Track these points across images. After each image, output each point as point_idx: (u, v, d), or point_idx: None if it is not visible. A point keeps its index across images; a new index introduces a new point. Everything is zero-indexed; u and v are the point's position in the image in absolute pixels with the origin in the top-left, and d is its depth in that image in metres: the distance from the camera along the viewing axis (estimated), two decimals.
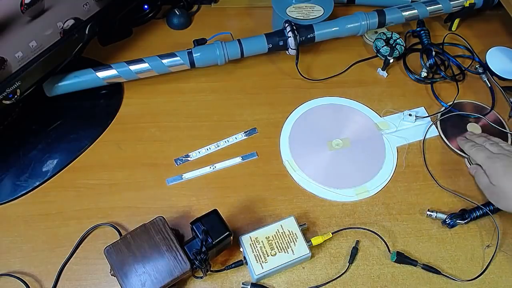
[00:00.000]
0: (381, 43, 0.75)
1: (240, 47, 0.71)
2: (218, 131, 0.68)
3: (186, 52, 0.70)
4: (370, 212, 0.61)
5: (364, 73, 0.76)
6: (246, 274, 0.55)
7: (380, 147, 0.67)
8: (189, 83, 0.74)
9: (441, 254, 0.57)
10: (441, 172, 0.64)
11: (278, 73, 0.76)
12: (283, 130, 0.68)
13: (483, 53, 0.76)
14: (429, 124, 0.68)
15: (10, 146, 0.65)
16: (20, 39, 0.54)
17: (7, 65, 0.54)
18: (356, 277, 0.56)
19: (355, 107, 0.71)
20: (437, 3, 0.76)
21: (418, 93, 0.73)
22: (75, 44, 0.63)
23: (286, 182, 0.63)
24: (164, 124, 0.69)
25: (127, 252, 0.50)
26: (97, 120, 0.69)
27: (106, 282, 0.55)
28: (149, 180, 0.63)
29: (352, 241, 0.58)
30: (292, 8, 0.75)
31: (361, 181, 0.63)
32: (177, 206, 0.61)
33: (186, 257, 0.50)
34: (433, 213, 0.59)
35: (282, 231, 0.55)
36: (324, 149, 0.67)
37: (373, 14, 0.74)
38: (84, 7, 0.62)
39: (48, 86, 0.65)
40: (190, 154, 0.66)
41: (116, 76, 0.68)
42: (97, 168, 0.64)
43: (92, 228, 0.59)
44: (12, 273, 0.55)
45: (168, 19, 0.82)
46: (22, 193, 0.61)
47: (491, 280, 0.55)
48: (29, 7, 0.53)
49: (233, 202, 0.61)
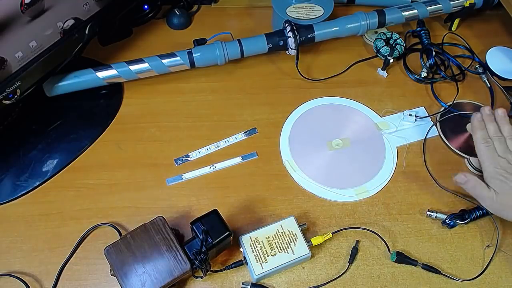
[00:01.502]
0: (381, 43, 0.75)
1: (240, 47, 0.71)
2: (218, 131, 0.68)
3: (186, 52, 0.70)
4: (370, 212, 0.61)
5: (364, 73, 0.76)
6: (246, 274, 0.55)
7: (380, 147, 0.67)
8: (189, 83, 0.74)
9: (441, 254, 0.57)
10: (441, 172, 0.64)
11: (278, 73, 0.76)
12: (283, 130, 0.68)
13: (483, 53, 0.76)
14: (430, 125, 0.68)
15: (10, 146, 0.65)
16: (20, 39, 0.54)
17: (7, 65, 0.54)
18: (356, 277, 0.56)
19: (355, 107, 0.71)
20: (437, 3, 0.76)
21: (418, 93, 0.73)
22: (75, 44, 0.63)
23: (286, 182, 0.63)
24: (164, 124, 0.69)
25: (127, 252, 0.50)
26: (97, 120, 0.69)
27: (106, 282, 0.55)
28: (149, 180, 0.63)
29: (352, 241, 0.58)
30: (292, 8, 0.75)
31: (361, 181, 0.63)
32: (177, 206, 0.61)
33: (186, 257, 0.50)
34: (433, 213, 0.59)
35: (282, 231, 0.55)
36: (324, 149, 0.67)
37: (373, 14, 0.74)
38: (84, 7, 0.62)
39: (48, 86, 0.65)
40: (190, 154, 0.66)
41: (116, 76, 0.68)
42: (97, 168, 0.64)
43: (92, 228, 0.59)
44: (12, 273, 0.55)
45: (168, 19, 0.82)
46: (22, 193, 0.61)
47: (491, 280, 0.55)
48: (29, 7, 0.53)
49: (233, 202, 0.61)
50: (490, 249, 0.57)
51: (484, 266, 0.56)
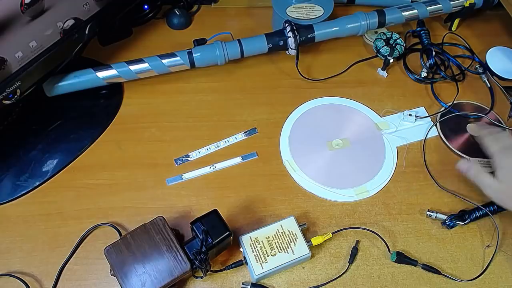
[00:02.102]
0: (381, 43, 0.75)
1: (240, 47, 0.71)
2: (218, 131, 0.68)
3: (186, 52, 0.69)
4: (370, 212, 0.61)
5: (364, 73, 0.76)
6: (246, 274, 0.55)
7: (380, 147, 0.67)
8: (189, 83, 0.74)
9: (441, 254, 0.57)
10: (441, 172, 0.64)
11: (278, 73, 0.76)
12: (283, 130, 0.68)
13: (483, 53, 0.76)
14: (430, 125, 0.68)
15: (10, 146, 0.65)
16: (20, 39, 0.54)
17: (7, 65, 0.54)
18: (356, 277, 0.56)
19: (355, 107, 0.71)
20: (437, 3, 0.76)
21: (418, 93, 0.73)
22: (75, 44, 0.63)
23: (286, 182, 0.63)
24: (164, 124, 0.69)
25: (127, 252, 0.50)
26: (97, 120, 0.69)
27: (106, 282, 0.55)
28: (149, 180, 0.63)
29: (352, 241, 0.58)
30: (292, 8, 0.75)
31: (361, 181, 0.63)
32: (177, 206, 0.61)
33: (186, 257, 0.50)
34: (433, 213, 0.59)
35: (282, 231, 0.55)
36: (324, 149, 0.67)
37: (373, 14, 0.74)
38: (84, 7, 0.62)
39: (48, 86, 0.65)
40: (190, 154, 0.66)
41: (116, 76, 0.68)
42: (97, 168, 0.64)
43: (92, 228, 0.59)
44: (12, 273, 0.55)
45: (168, 19, 0.82)
46: (22, 193, 0.61)
47: (491, 280, 0.55)
48: (29, 7, 0.53)
49: (233, 202, 0.61)
50: (490, 249, 0.57)
51: (484, 266, 0.56)
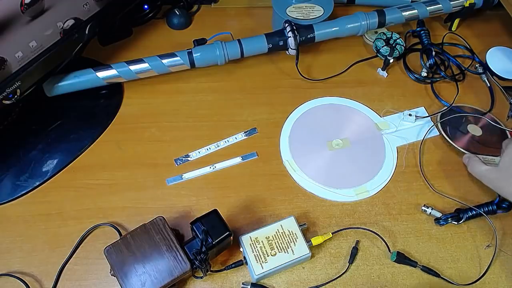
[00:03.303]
0: (381, 43, 0.75)
1: (240, 47, 0.71)
2: (218, 131, 0.68)
3: (186, 52, 0.69)
4: (370, 212, 0.61)
5: (364, 73, 0.76)
6: (246, 274, 0.55)
7: (380, 147, 0.67)
8: (189, 83, 0.74)
9: (441, 254, 0.57)
10: (441, 172, 0.64)
11: (278, 73, 0.76)
12: (283, 130, 0.68)
13: (483, 53, 0.76)
14: (430, 125, 0.68)
15: (10, 146, 0.65)
16: (20, 39, 0.54)
17: (7, 65, 0.54)
18: (356, 277, 0.56)
19: (355, 107, 0.71)
20: (437, 3, 0.76)
21: (418, 93, 0.73)
22: (75, 44, 0.63)
23: (286, 182, 0.63)
24: (164, 124, 0.69)
25: (127, 252, 0.50)
26: (97, 120, 0.69)
27: (106, 282, 0.55)
28: (149, 180, 0.63)
29: (352, 241, 0.58)
30: (292, 8, 0.75)
31: (361, 181, 0.63)
32: (177, 206, 0.61)
33: (186, 257, 0.50)
34: (428, 209, 0.59)
35: (282, 231, 0.55)
36: (324, 149, 0.67)
37: (373, 14, 0.74)
38: (84, 7, 0.62)
39: (48, 86, 0.65)
40: (190, 154, 0.66)
41: (116, 76, 0.68)
42: (97, 168, 0.64)
43: (92, 228, 0.59)
44: (12, 273, 0.55)
45: (168, 19, 0.82)
46: (22, 193, 0.61)
47: (491, 280, 0.55)
48: (29, 7, 0.53)
49: (233, 202, 0.61)
50: (490, 249, 0.57)
51: (484, 266, 0.56)
